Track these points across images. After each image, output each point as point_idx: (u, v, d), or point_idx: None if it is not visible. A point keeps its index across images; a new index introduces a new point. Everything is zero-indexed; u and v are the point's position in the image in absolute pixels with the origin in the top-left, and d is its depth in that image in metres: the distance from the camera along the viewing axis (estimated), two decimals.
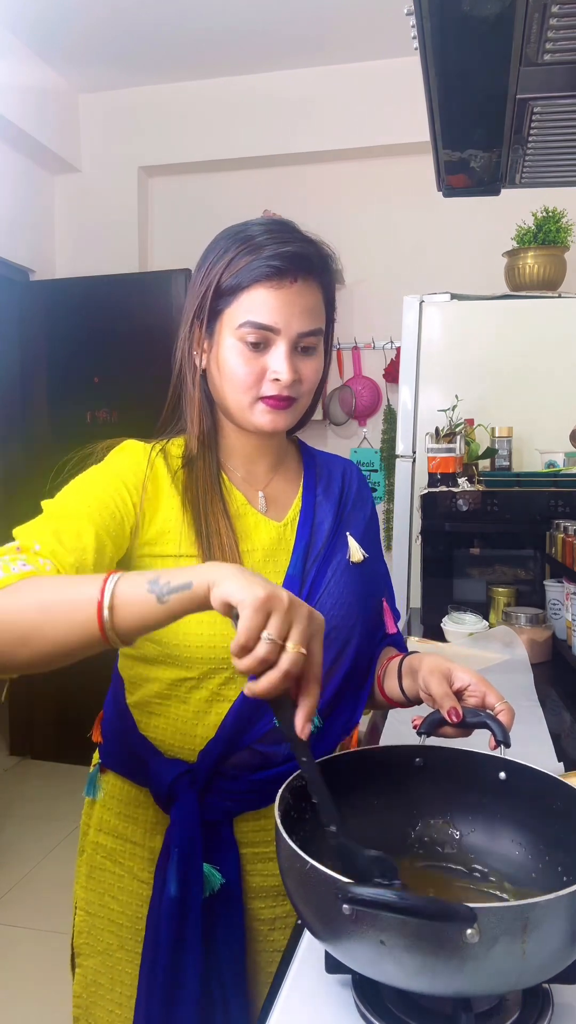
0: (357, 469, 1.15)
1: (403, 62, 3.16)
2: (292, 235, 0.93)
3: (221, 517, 0.95)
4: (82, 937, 1.03)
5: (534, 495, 2.11)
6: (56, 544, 0.82)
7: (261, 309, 0.90)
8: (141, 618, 0.70)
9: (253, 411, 0.94)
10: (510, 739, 0.82)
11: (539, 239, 2.62)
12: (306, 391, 0.96)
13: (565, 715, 1.49)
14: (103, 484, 0.92)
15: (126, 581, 0.71)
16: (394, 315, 2.68)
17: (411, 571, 2.57)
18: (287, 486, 1.05)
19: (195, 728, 0.94)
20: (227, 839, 0.95)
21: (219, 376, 0.95)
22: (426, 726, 0.86)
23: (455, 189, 1.30)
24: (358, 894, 0.56)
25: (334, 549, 1.02)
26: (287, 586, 0.97)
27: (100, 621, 0.69)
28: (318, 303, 0.95)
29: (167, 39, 3.16)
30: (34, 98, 3.29)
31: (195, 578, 0.69)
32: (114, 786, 1.03)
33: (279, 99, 3.44)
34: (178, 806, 0.91)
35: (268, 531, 0.99)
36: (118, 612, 0.70)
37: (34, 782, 3.47)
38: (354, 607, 1.00)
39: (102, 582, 0.71)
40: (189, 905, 0.89)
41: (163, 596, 0.69)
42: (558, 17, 0.80)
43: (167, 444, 1.00)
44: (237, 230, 0.95)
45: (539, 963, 0.58)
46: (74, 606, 0.71)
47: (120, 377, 3.41)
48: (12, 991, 2.19)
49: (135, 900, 0.99)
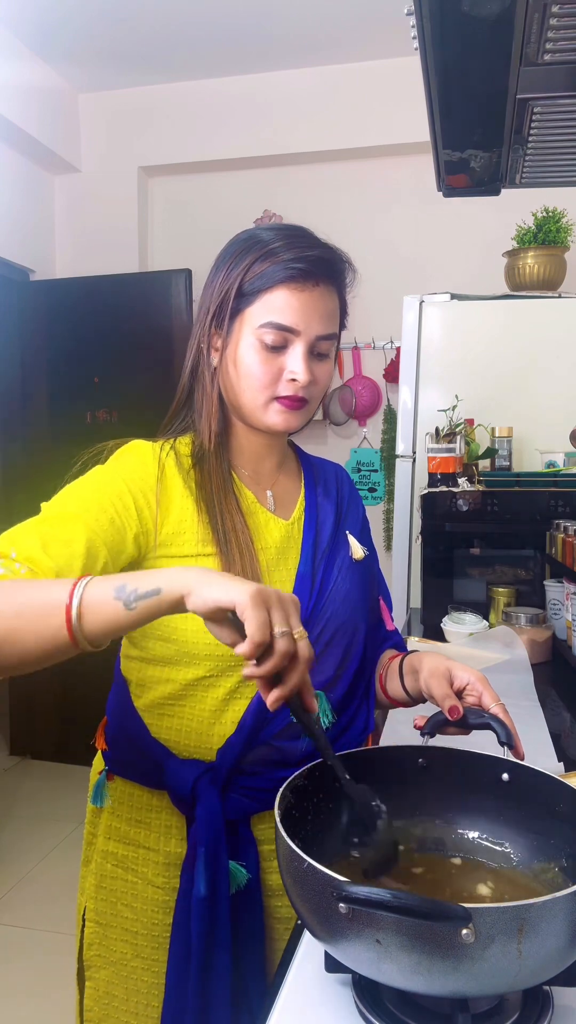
0: (346, 472, 1.18)
1: (403, 62, 3.16)
2: (313, 240, 0.96)
3: (236, 515, 0.96)
4: (92, 950, 1.00)
5: (534, 495, 2.11)
6: (38, 551, 0.80)
7: (283, 310, 0.92)
8: (109, 624, 0.70)
9: (267, 410, 0.96)
10: (514, 740, 0.82)
11: (539, 239, 2.62)
12: (318, 393, 0.98)
13: (565, 715, 1.49)
14: (105, 489, 0.90)
15: (94, 586, 0.70)
16: (394, 315, 2.68)
17: (411, 571, 2.57)
18: (291, 485, 1.07)
19: (212, 727, 0.94)
20: (246, 836, 0.95)
21: (235, 375, 0.96)
22: (429, 727, 0.86)
23: (455, 189, 1.30)
24: (353, 893, 0.56)
25: (337, 547, 1.04)
26: (299, 583, 0.99)
27: (69, 626, 0.69)
28: (335, 308, 0.97)
29: (167, 39, 3.16)
30: (34, 98, 3.30)
31: (163, 584, 0.69)
32: (123, 792, 1.01)
33: (279, 99, 3.44)
34: (202, 805, 0.91)
35: (278, 529, 1.01)
36: (86, 617, 0.69)
37: (34, 782, 3.47)
38: (359, 604, 1.03)
39: (71, 587, 0.70)
40: (218, 904, 0.88)
41: (130, 603, 0.69)
42: (558, 17, 0.80)
43: (175, 443, 1.00)
44: (253, 234, 0.96)
45: (537, 964, 0.58)
46: (45, 611, 0.70)
47: (120, 377, 3.41)
48: (12, 991, 2.19)
49: (150, 906, 0.97)
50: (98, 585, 0.70)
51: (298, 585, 0.99)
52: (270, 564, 0.98)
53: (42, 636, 0.70)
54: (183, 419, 1.03)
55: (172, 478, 0.95)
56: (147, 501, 0.92)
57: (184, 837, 0.95)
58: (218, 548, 0.93)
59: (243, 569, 0.92)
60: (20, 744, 3.71)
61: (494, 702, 0.88)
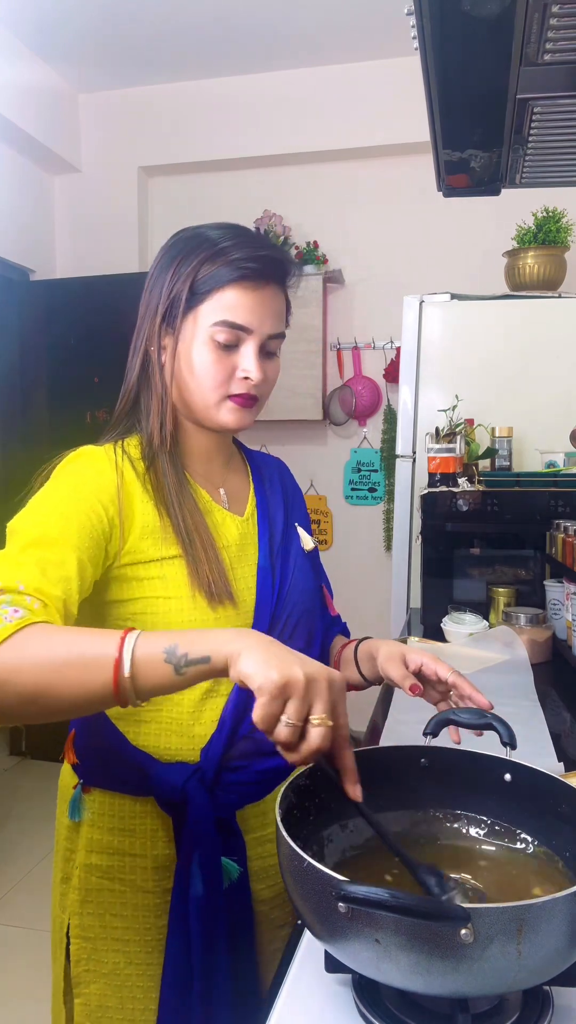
0: (286, 465, 1.20)
1: (403, 62, 3.16)
2: (261, 239, 0.98)
3: (196, 514, 0.96)
4: (81, 965, 0.97)
5: (534, 495, 2.11)
6: (40, 579, 0.78)
7: (236, 309, 0.92)
8: (159, 685, 0.69)
9: (220, 409, 0.96)
10: (516, 741, 0.82)
11: (539, 239, 2.62)
12: (267, 391, 1.00)
13: (565, 715, 1.48)
14: (78, 503, 0.88)
15: (144, 644, 0.69)
16: (394, 315, 2.68)
17: (411, 571, 2.57)
18: (240, 482, 1.09)
19: (192, 728, 0.94)
20: (233, 830, 0.96)
21: (187, 374, 0.96)
22: (432, 727, 0.86)
23: (455, 189, 1.30)
24: (352, 892, 0.56)
25: (289, 540, 1.07)
26: (260, 577, 1.00)
27: (116, 683, 0.67)
28: (283, 308, 0.99)
29: (167, 39, 3.16)
30: (34, 98, 3.30)
31: (214, 652, 0.68)
32: (102, 803, 0.98)
33: (279, 99, 3.44)
34: (192, 807, 0.90)
35: (235, 526, 1.02)
36: (137, 676, 0.68)
37: (34, 782, 3.47)
38: (314, 594, 1.07)
39: (119, 642, 0.69)
40: (214, 900, 0.89)
41: (180, 668, 0.68)
42: (558, 17, 0.80)
43: (125, 445, 0.98)
44: (200, 232, 0.97)
45: (536, 965, 0.58)
46: (92, 665, 0.68)
47: (120, 377, 3.39)
48: (12, 991, 2.19)
49: (141, 912, 0.96)
50: (148, 643, 0.69)
51: (260, 579, 1.00)
52: (232, 561, 0.99)
53: (85, 690, 0.68)
54: (128, 421, 1.02)
55: (131, 483, 0.94)
56: (115, 508, 0.90)
57: (171, 839, 0.95)
58: (183, 549, 0.93)
59: (209, 568, 0.92)
60: (20, 744, 3.71)
61: (449, 673, 0.94)
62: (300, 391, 3.42)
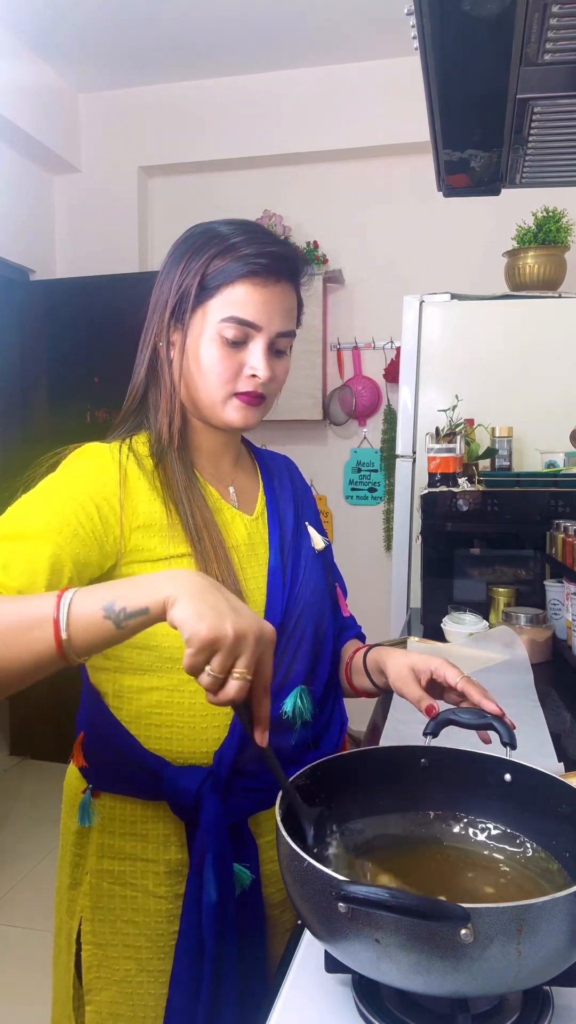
0: (295, 463, 1.19)
1: (403, 62, 3.16)
2: (272, 236, 0.96)
3: (206, 512, 0.95)
4: (92, 972, 0.96)
5: (534, 495, 2.11)
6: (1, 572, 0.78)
7: (244, 305, 0.91)
8: (99, 641, 0.69)
9: (226, 406, 0.95)
10: (516, 741, 0.82)
11: (539, 239, 2.62)
12: (275, 391, 0.98)
13: (565, 715, 1.48)
14: (67, 501, 0.87)
15: (81, 602, 0.68)
16: (394, 315, 2.68)
17: (411, 571, 2.57)
18: (249, 481, 1.07)
19: (205, 730, 0.93)
20: (246, 836, 0.95)
21: (194, 370, 0.95)
22: (432, 727, 0.86)
23: (455, 189, 1.30)
24: (352, 892, 0.56)
25: (300, 539, 1.05)
26: (271, 578, 0.99)
27: (58, 641, 0.67)
28: (294, 306, 0.97)
29: (167, 39, 3.16)
30: (34, 98, 3.29)
31: (152, 602, 0.68)
32: (112, 808, 0.97)
33: (279, 99, 3.44)
34: (206, 812, 0.89)
35: (244, 525, 1.01)
36: (75, 633, 0.68)
37: (34, 782, 3.47)
38: (326, 593, 1.06)
39: (55, 600, 0.68)
40: (227, 906, 0.88)
41: (121, 623, 0.68)
42: (558, 17, 0.80)
43: (132, 443, 0.97)
44: (211, 228, 0.95)
45: (536, 965, 0.58)
46: (30, 626, 0.68)
47: (120, 377, 3.34)
48: (12, 991, 2.19)
49: (153, 918, 0.95)
50: (84, 600, 0.68)
51: (271, 579, 0.98)
52: (242, 561, 0.97)
53: (30, 653, 0.68)
54: (135, 418, 1.01)
55: (136, 480, 0.93)
56: (112, 508, 0.89)
57: (183, 843, 0.94)
58: (192, 547, 0.91)
59: (218, 567, 0.91)
60: (20, 744, 3.71)
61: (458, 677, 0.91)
62: (300, 391, 3.42)
